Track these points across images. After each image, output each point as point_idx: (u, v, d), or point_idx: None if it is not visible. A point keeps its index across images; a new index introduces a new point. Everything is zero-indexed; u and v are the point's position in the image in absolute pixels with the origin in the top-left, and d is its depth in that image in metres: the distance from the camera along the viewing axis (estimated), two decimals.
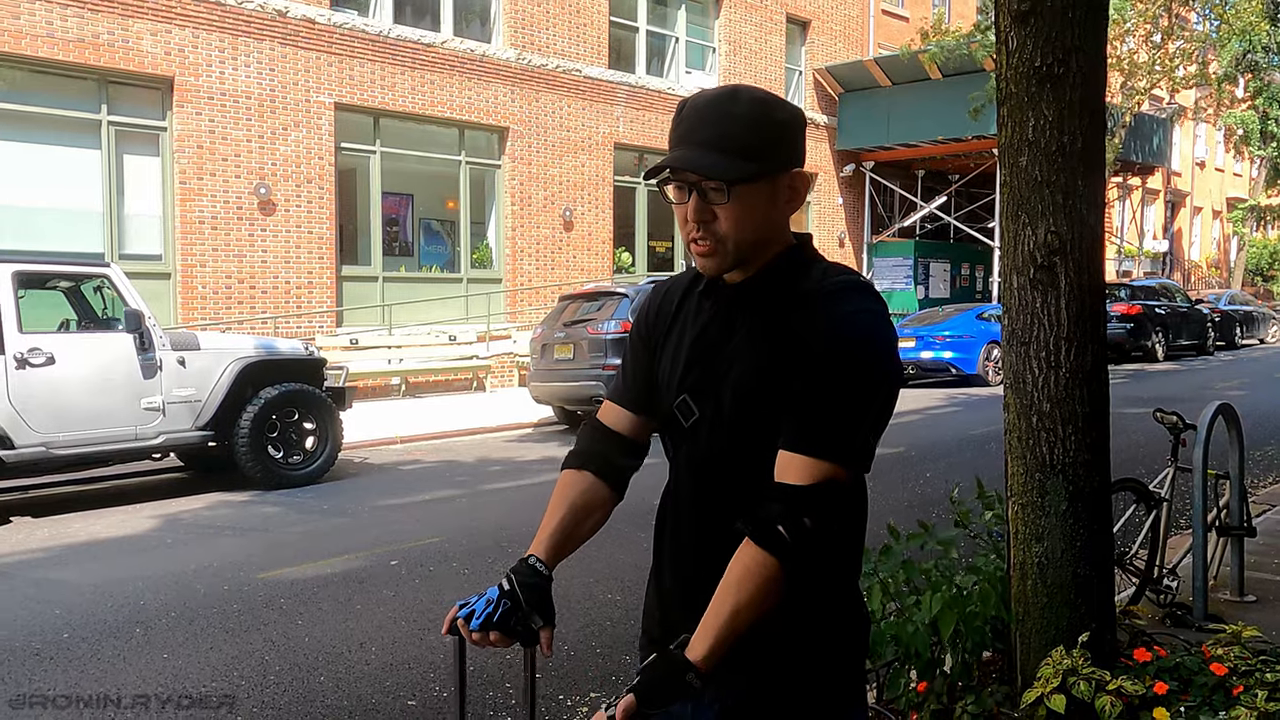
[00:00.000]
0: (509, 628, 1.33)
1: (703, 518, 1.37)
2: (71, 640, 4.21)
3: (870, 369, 1.26)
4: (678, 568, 1.42)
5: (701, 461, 1.37)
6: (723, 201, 1.27)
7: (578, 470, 1.50)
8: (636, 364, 1.50)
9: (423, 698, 3.58)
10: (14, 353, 6.56)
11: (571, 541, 1.46)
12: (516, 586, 1.35)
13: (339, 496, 7.44)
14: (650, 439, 1.55)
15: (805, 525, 1.21)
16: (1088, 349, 2.53)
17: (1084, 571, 2.55)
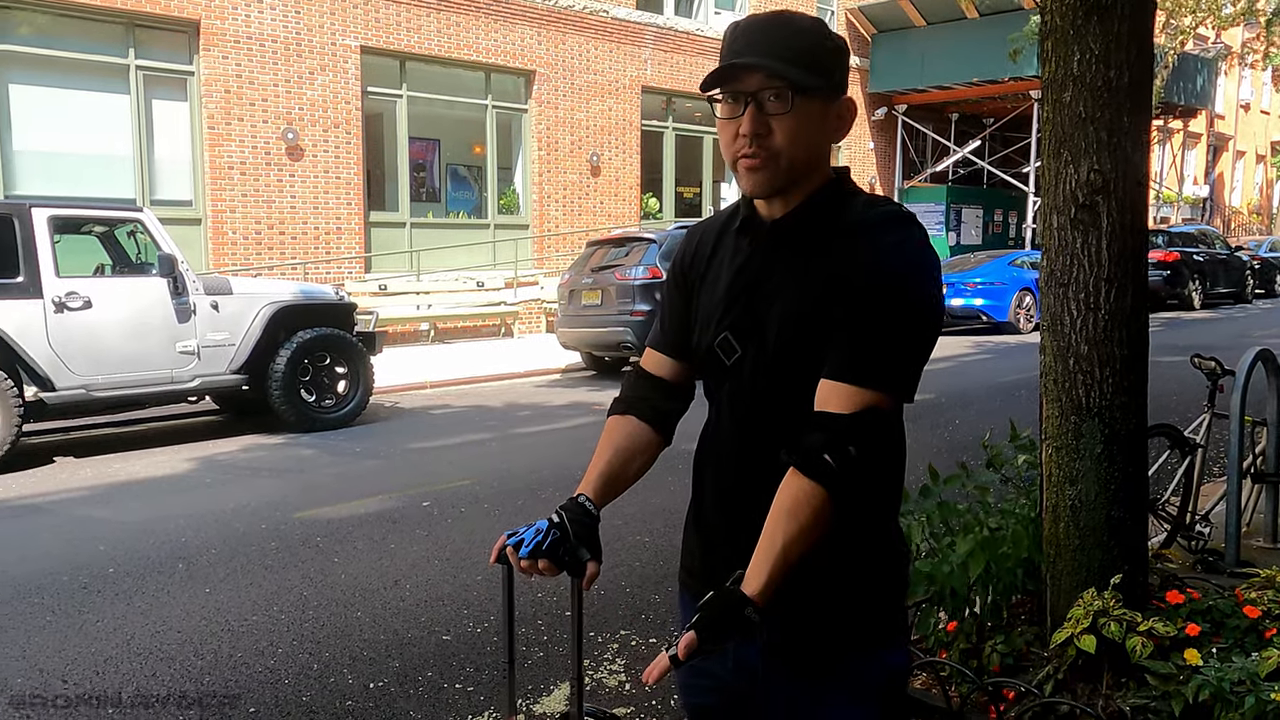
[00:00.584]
0: (557, 557, 1.34)
1: (745, 454, 1.37)
2: (117, 575, 4.34)
3: (914, 298, 1.26)
4: (721, 505, 1.42)
5: (744, 398, 1.36)
6: (783, 111, 1.26)
7: (623, 415, 1.51)
8: (674, 309, 1.50)
9: (457, 633, 3.66)
10: (52, 296, 6.66)
11: (619, 484, 1.47)
12: (566, 520, 1.36)
13: (371, 439, 7.54)
14: (694, 383, 1.55)
15: (850, 454, 1.21)
16: (1128, 290, 2.49)
17: (1118, 514, 2.54)
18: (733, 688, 1.45)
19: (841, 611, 1.33)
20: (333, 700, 3.14)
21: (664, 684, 3.21)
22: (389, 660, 3.43)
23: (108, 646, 3.57)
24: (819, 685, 1.35)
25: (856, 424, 1.23)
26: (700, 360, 1.43)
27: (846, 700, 1.34)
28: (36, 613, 3.90)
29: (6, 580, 4.27)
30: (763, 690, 1.40)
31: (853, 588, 1.34)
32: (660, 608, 3.87)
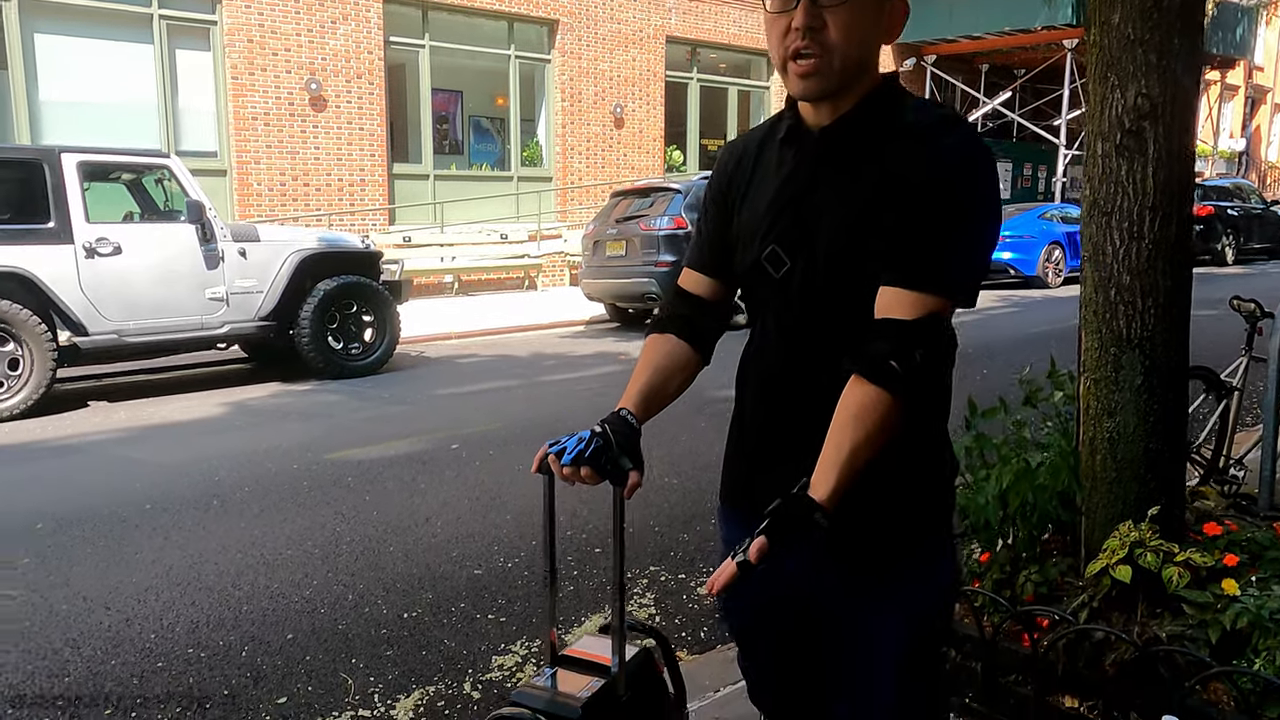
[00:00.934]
0: (599, 465, 1.32)
1: (793, 368, 1.36)
2: (154, 510, 4.42)
3: (975, 198, 1.24)
4: (767, 421, 1.40)
5: (793, 311, 1.34)
6: (838, 3, 1.22)
7: (661, 334, 1.50)
8: (713, 227, 1.47)
9: (488, 567, 3.70)
10: (83, 242, 6.71)
11: (659, 400, 1.46)
12: (609, 430, 1.35)
13: (398, 386, 7.60)
14: (732, 301, 1.54)
15: (916, 359, 1.20)
16: (1173, 219, 2.44)
17: (1156, 447, 2.52)
18: (779, 609, 1.45)
19: (897, 515, 1.33)
20: (368, 628, 3.20)
21: (693, 617, 3.24)
22: (422, 592, 3.49)
23: (148, 576, 3.65)
24: (871, 596, 1.35)
25: (921, 329, 1.21)
26: (745, 276, 1.41)
27: (897, 611, 1.34)
28: (77, 545, 3.99)
29: (47, 515, 4.35)
30: (814, 602, 1.40)
31: (908, 493, 1.33)
32: (689, 545, 3.90)
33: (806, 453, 1.33)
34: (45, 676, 2.89)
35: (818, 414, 1.28)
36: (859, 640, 1.36)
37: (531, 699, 1.42)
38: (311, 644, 3.09)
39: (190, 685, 2.84)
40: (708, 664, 2.84)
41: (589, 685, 1.46)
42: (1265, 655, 2.13)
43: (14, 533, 4.14)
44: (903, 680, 1.33)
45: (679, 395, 1.52)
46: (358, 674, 2.90)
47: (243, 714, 2.68)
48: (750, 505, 1.43)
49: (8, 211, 6.76)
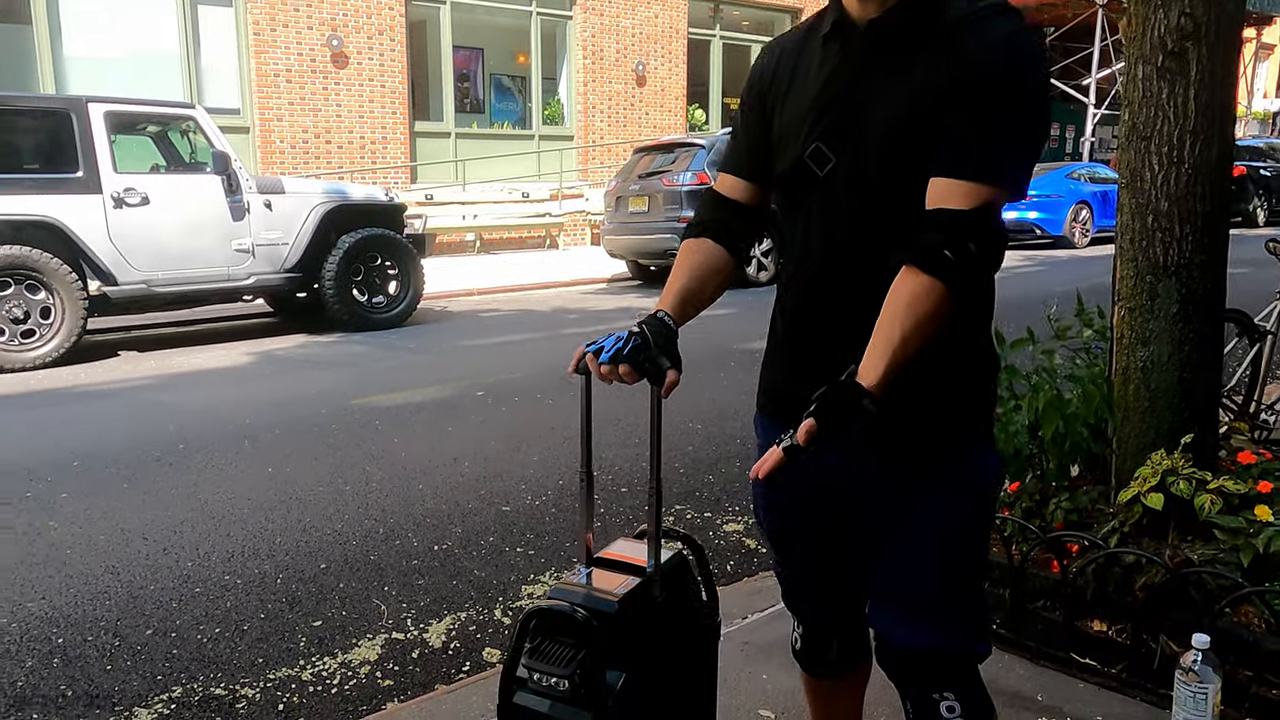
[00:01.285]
0: (637, 363, 1.32)
1: (836, 268, 1.34)
2: (188, 450, 4.49)
3: (1027, 88, 1.23)
4: (809, 321, 1.39)
5: (839, 209, 1.33)
6: None
7: (697, 238, 1.49)
8: (750, 130, 1.46)
9: (515, 504, 3.74)
10: (111, 192, 6.76)
11: (696, 302, 1.46)
12: (646, 330, 1.35)
13: (423, 338, 7.64)
14: (768, 205, 1.53)
15: (970, 249, 1.20)
16: (1214, 144, 2.40)
17: (1190, 376, 2.50)
18: (817, 507, 1.45)
19: (943, 409, 1.33)
20: (399, 559, 3.25)
21: (719, 552, 3.26)
22: (451, 526, 3.53)
23: (183, 511, 3.71)
24: (913, 488, 1.35)
25: (975, 219, 1.20)
26: (786, 176, 1.39)
27: (947, 492, 1.34)
28: (114, 481, 4.06)
29: (84, 454, 4.43)
30: (854, 498, 1.41)
31: (954, 388, 1.33)
32: (714, 487, 3.92)
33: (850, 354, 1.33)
34: (88, 600, 2.97)
35: (862, 314, 1.27)
36: (899, 528, 1.36)
37: (569, 594, 1.43)
38: (344, 573, 3.15)
39: (228, 609, 2.90)
40: (735, 594, 2.87)
41: (625, 583, 1.48)
42: None
43: (53, 470, 4.22)
44: (944, 566, 1.33)
45: (715, 298, 1.52)
46: (390, 601, 2.95)
47: (280, 635, 2.74)
48: (786, 409, 1.43)
49: (37, 161, 6.81)
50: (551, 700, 1.34)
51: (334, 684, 2.49)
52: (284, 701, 2.41)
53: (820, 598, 1.59)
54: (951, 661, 1.37)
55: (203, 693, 2.45)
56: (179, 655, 2.63)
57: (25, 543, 3.41)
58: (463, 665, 2.57)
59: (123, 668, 2.57)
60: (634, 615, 1.43)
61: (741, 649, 2.50)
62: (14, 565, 3.22)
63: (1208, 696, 1.94)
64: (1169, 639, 2.20)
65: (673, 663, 1.53)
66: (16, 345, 6.48)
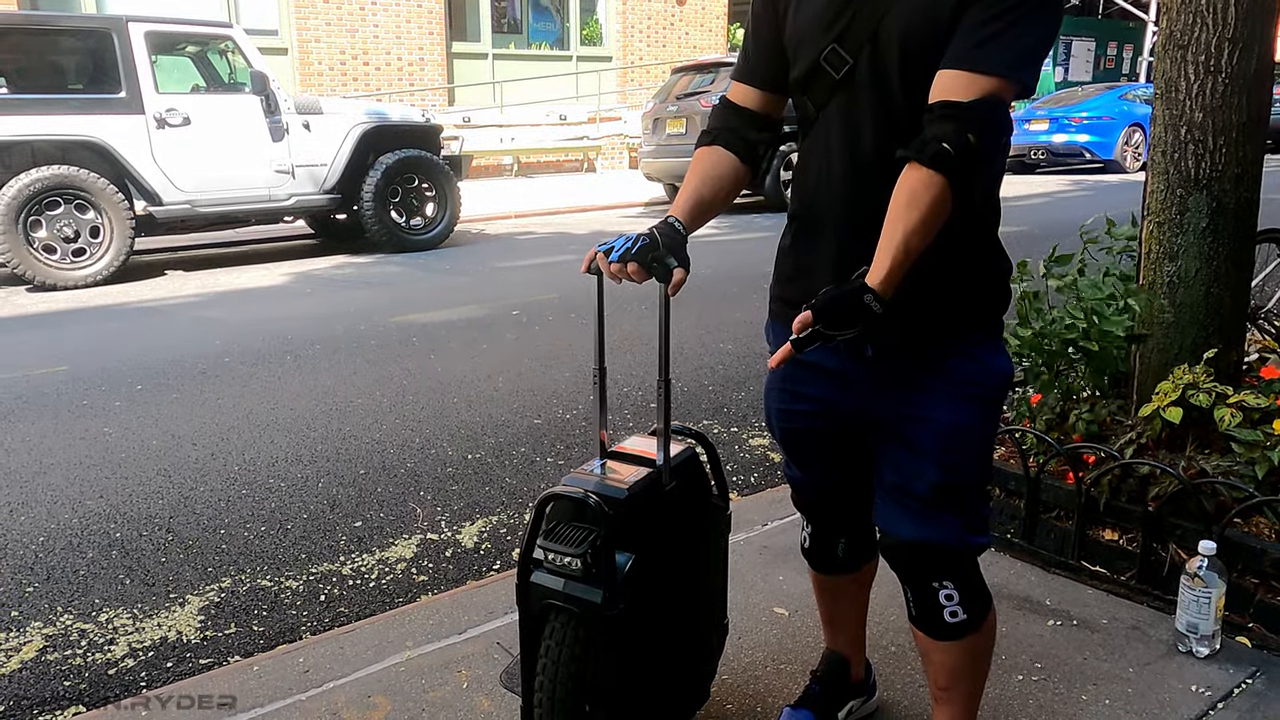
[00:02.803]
0: (645, 262, 1.36)
1: (857, 167, 1.36)
2: (232, 363, 4.65)
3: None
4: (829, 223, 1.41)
5: (859, 109, 1.34)
6: None
7: (710, 146, 1.51)
8: (761, 37, 1.46)
9: (547, 418, 3.84)
10: (154, 113, 6.85)
11: (708, 210, 1.48)
12: (655, 233, 1.39)
13: (459, 259, 7.73)
14: (783, 112, 1.54)
15: (969, 141, 1.20)
16: (1254, 51, 2.34)
17: (1217, 291, 2.49)
18: (832, 410, 1.49)
19: (946, 296, 1.35)
20: (434, 467, 3.38)
21: (744, 464, 3.32)
22: (484, 437, 3.65)
23: (230, 418, 3.87)
24: (922, 382, 1.38)
25: (978, 110, 1.21)
26: (802, 79, 1.40)
27: (951, 392, 1.37)
28: (164, 391, 4.23)
29: (135, 365, 4.61)
30: (863, 396, 1.45)
31: (958, 275, 1.36)
32: (742, 403, 3.98)
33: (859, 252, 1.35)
34: (142, 499, 3.13)
35: (876, 214, 1.29)
36: (904, 428, 1.40)
37: (582, 482, 1.51)
38: (382, 478, 3.28)
39: (272, 509, 3.05)
40: (756, 503, 2.95)
41: (635, 473, 1.55)
42: None
43: (105, 380, 4.40)
44: (946, 466, 1.38)
45: (727, 205, 1.54)
46: (426, 505, 3.08)
47: (321, 534, 2.88)
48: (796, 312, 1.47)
49: (80, 81, 6.91)
50: (565, 579, 1.43)
51: (372, 578, 2.63)
52: (325, 593, 2.55)
53: (827, 498, 1.64)
54: (950, 553, 1.43)
55: (250, 583, 2.60)
56: (227, 550, 2.78)
57: (83, 447, 3.59)
58: (493, 564, 2.70)
59: (176, 560, 2.73)
60: (643, 502, 1.51)
61: (760, 552, 2.59)
62: (74, 466, 3.40)
63: (1211, 600, 1.99)
64: (1179, 547, 2.24)
65: (682, 549, 1.62)
66: (68, 264, 6.67)
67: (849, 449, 1.54)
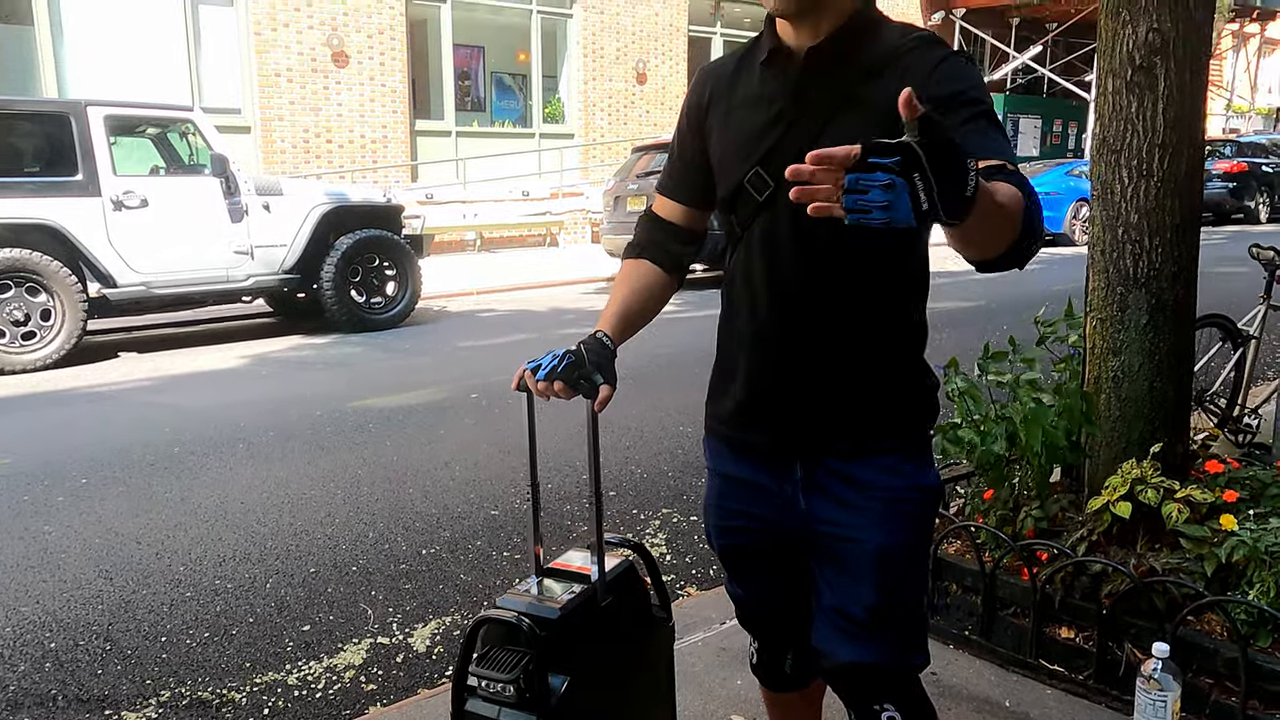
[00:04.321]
0: (572, 379, 1.37)
1: (780, 289, 1.37)
2: (182, 453, 4.55)
3: (986, 98, 1.27)
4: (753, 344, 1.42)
5: (781, 233, 1.36)
6: None
7: (637, 259, 1.54)
8: (685, 155, 1.49)
9: (504, 508, 3.79)
10: (110, 195, 6.82)
11: (634, 323, 1.50)
12: (583, 349, 1.41)
13: (419, 339, 7.69)
14: (706, 226, 1.56)
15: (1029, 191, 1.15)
16: (1183, 156, 2.44)
17: (1160, 385, 2.54)
18: (766, 527, 1.48)
19: (876, 420, 1.37)
20: (387, 564, 3.30)
21: (703, 555, 3.29)
22: (440, 530, 3.58)
23: (177, 514, 3.77)
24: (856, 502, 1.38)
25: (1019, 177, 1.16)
26: (727, 200, 1.42)
27: (884, 513, 1.37)
28: (109, 484, 4.12)
29: (81, 457, 4.49)
30: (798, 516, 1.44)
31: (888, 397, 1.37)
32: (702, 489, 3.95)
33: (796, 373, 1.37)
34: (81, 603, 3.02)
35: (805, 335, 1.33)
36: (839, 548, 1.40)
37: (514, 604, 1.49)
38: (333, 577, 3.20)
39: (217, 613, 2.95)
40: (715, 599, 2.91)
41: (569, 591, 1.53)
42: (1260, 587, 2.16)
43: (50, 474, 4.27)
44: (881, 587, 1.36)
45: (654, 317, 1.56)
46: (377, 605, 3.00)
47: (268, 640, 2.79)
48: (737, 432, 1.47)
49: (37, 164, 6.87)
50: (500, 705, 1.40)
51: (319, 688, 2.54)
52: (269, 706, 2.46)
53: (771, 615, 1.62)
54: (890, 674, 1.41)
55: (190, 697, 2.50)
56: (168, 659, 2.68)
57: (20, 547, 3.47)
58: (445, 669, 2.62)
59: (113, 672, 2.62)
60: (578, 621, 1.49)
61: (718, 654, 2.55)
62: (10, 569, 3.28)
63: (1167, 704, 1.98)
64: (1134, 646, 2.24)
65: (621, 666, 1.58)
66: (17, 347, 6.54)
67: (788, 567, 1.53)
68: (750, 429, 1.46)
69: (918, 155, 0.91)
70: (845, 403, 1.36)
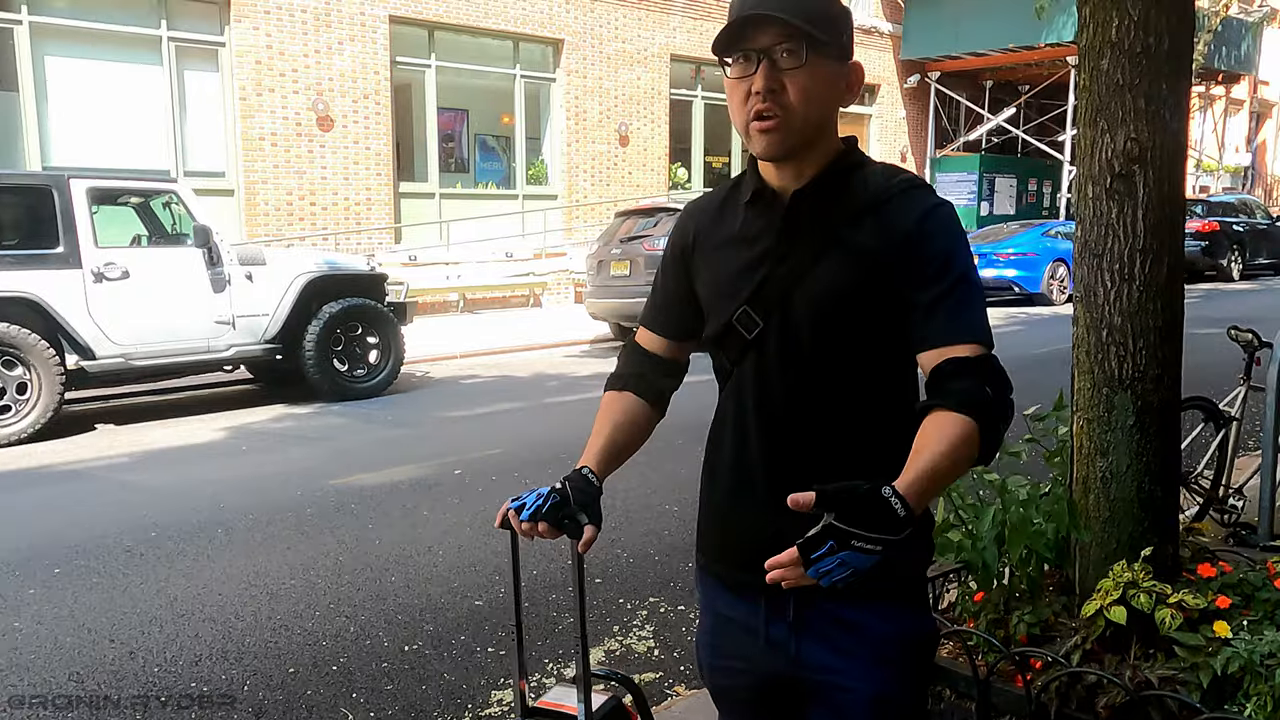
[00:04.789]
0: (556, 520, 1.36)
1: (770, 428, 1.37)
2: (159, 538, 4.46)
3: (969, 258, 1.31)
4: (742, 482, 1.41)
5: (771, 372, 1.36)
6: (797, 65, 1.26)
7: (620, 392, 1.53)
8: (670, 290, 1.50)
9: (489, 599, 3.73)
10: (91, 267, 6.78)
11: (618, 456, 1.49)
12: (568, 487, 1.39)
13: (402, 409, 7.64)
14: (689, 358, 1.57)
15: (988, 393, 1.24)
16: (1164, 261, 2.47)
17: (1149, 487, 2.54)
18: (759, 670, 1.46)
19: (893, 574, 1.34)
20: (368, 662, 3.23)
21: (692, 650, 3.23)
22: (423, 624, 3.51)
23: (152, 606, 3.68)
24: (845, 646, 1.36)
25: (984, 364, 1.25)
26: (716, 338, 1.42)
27: (878, 663, 1.35)
28: (83, 575, 4.02)
29: (56, 543, 4.39)
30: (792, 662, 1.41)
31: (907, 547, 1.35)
32: (688, 575, 3.91)
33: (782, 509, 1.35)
34: (49, 712, 2.92)
35: (796, 474, 1.31)
36: (834, 696, 1.37)
37: None
38: (313, 678, 3.11)
39: None
40: (706, 703, 2.85)
41: None
42: (1256, 701, 2.14)
43: (20, 563, 4.17)
44: None
45: (637, 450, 1.55)
46: (358, 709, 2.92)
47: None
48: (727, 568, 1.45)
49: (17, 237, 6.85)
50: None
51: None
52: None
53: None
54: None
55: None
56: None
57: None
58: None
59: None
60: None
61: None
62: None
63: None
64: None
65: None
66: None
67: (782, 711, 1.50)
68: (743, 568, 1.44)
69: (844, 531, 1.09)
70: None
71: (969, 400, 1.23)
